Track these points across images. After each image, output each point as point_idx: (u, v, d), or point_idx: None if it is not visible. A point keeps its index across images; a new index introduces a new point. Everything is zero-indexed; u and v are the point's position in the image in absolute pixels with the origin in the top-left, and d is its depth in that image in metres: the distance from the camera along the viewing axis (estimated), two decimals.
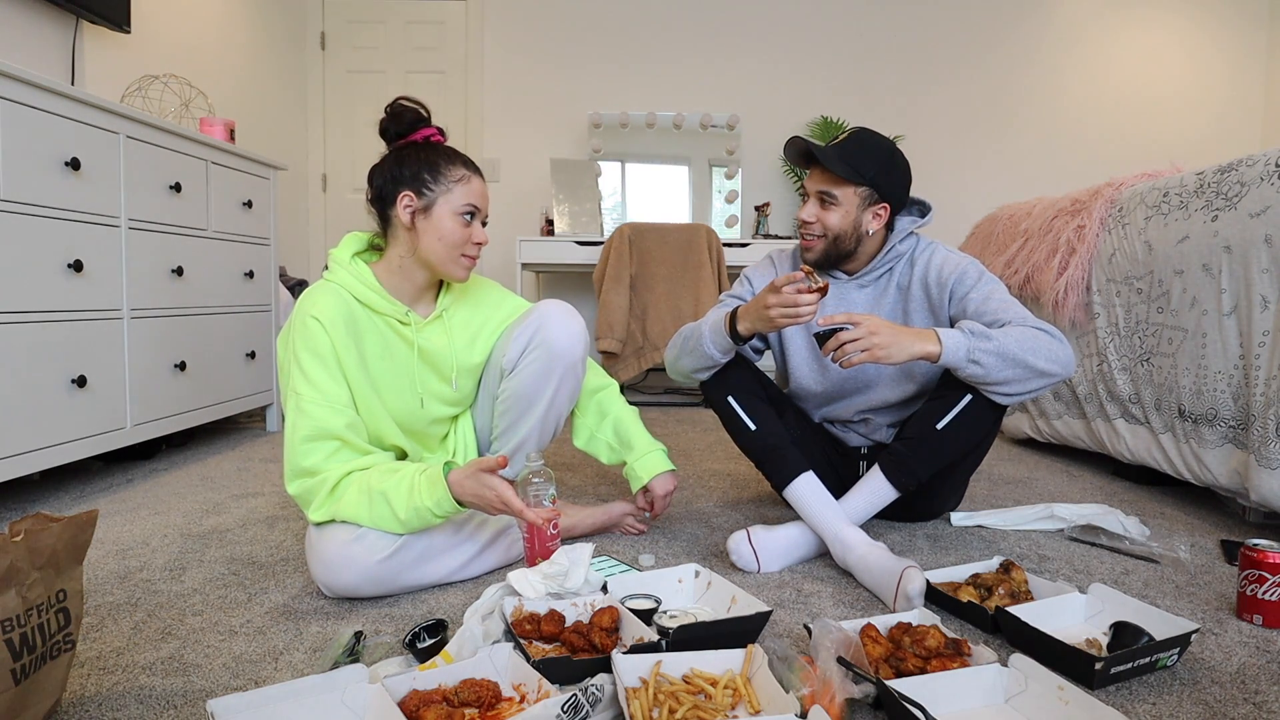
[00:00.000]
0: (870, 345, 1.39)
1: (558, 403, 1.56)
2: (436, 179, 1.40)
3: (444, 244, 1.41)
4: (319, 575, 1.31)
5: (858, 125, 1.61)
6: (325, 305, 1.36)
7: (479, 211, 1.44)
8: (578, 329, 1.55)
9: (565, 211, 4.08)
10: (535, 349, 1.51)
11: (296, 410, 1.32)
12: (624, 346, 3.58)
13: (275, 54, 4.08)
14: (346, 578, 1.29)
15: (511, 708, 0.94)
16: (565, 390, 1.56)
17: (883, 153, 1.59)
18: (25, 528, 0.88)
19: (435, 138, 1.47)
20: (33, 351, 1.83)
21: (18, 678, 0.86)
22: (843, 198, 1.58)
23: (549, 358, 1.51)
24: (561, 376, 1.54)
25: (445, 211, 1.40)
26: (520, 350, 1.52)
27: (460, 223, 1.41)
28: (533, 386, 1.53)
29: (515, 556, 1.50)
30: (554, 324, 1.52)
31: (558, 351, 1.52)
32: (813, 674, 0.95)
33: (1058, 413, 2.46)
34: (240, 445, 2.70)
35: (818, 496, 1.53)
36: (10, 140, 1.75)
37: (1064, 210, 2.42)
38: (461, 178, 1.42)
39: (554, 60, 4.46)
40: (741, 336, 1.55)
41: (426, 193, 1.40)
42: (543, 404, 1.54)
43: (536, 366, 1.52)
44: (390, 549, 1.30)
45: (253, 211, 2.83)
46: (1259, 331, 1.65)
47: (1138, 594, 1.37)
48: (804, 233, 1.64)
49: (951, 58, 4.53)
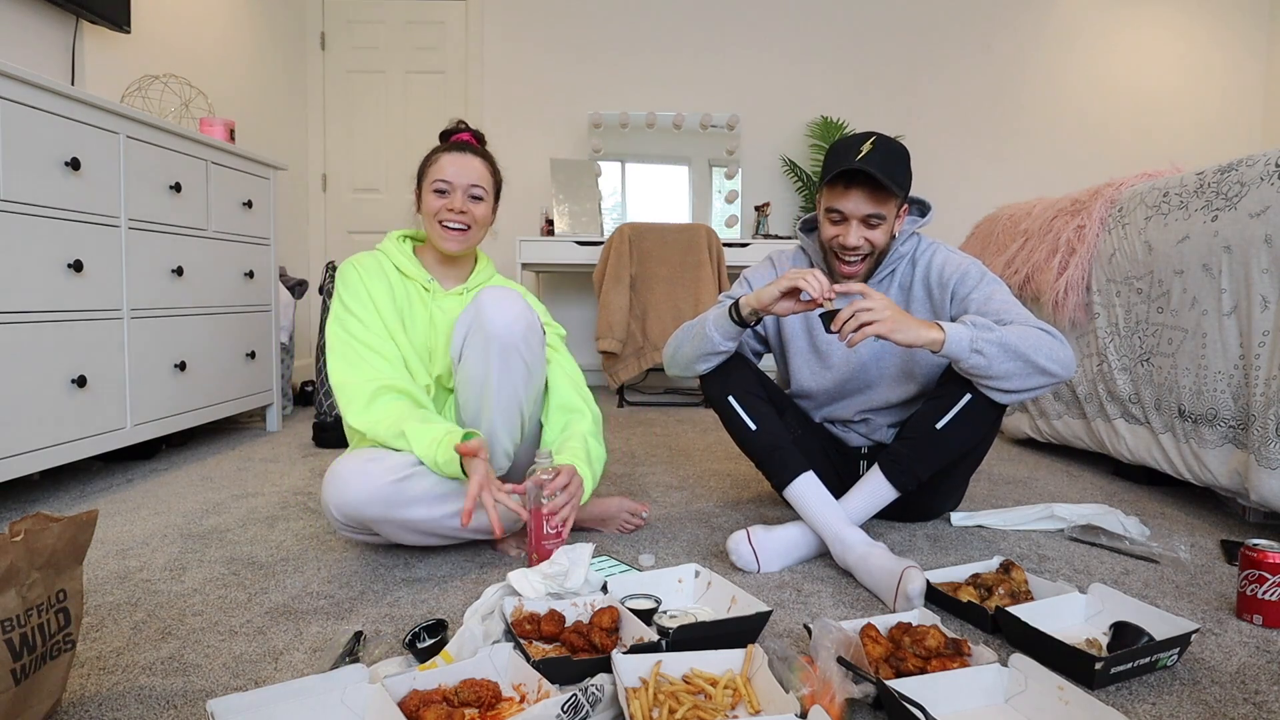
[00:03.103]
0: (881, 318, 1.39)
1: (507, 388, 1.49)
2: (424, 169, 1.64)
3: (426, 219, 1.63)
4: (331, 494, 1.40)
5: (871, 131, 1.57)
6: (364, 260, 1.63)
7: (450, 184, 1.59)
8: (514, 310, 1.48)
9: (565, 211, 4.08)
10: (474, 333, 1.49)
11: (341, 329, 1.55)
12: (624, 346, 3.59)
13: (275, 54, 4.08)
14: (355, 492, 1.38)
15: (511, 708, 0.94)
16: (511, 373, 1.49)
17: (906, 158, 1.57)
18: (25, 528, 0.88)
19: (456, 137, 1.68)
20: (33, 351, 1.83)
21: (18, 678, 0.86)
22: (887, 214, 1.55)
23: (485, 340, 1.47)
24: (502, 358, 1.47)
25: (426, 190, 1.62)
26: (462, 338, 1.51)
27: (433, 197, 1.60)
28: (477, 373, 1.49)
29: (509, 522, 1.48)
30: (488, 307, 1.48)
31: (492, 333, 1.46)
32: (813, 674, 0.95)
33: (1058, 413, 2.46)
34: (240, 445, 2.70)
35: (818, 496, 1.53)
36: (10, 140, 1.75)
37: (1064, 210, 2.42)
38: (433, 161, 1.62)
39: (554, 60, 4.46)
40: (745, 321, 1.55)
41: (420, 183, 1.65)
42: (492, 389, 1.49)
43: (476, 352, 1.48)
44: (403, 473, 1.40)
45: (253, 211, 2.83)
46: (1259, 331, 1.65)
47: (1138, 594, 1.37)
48: (848, 257, 1.59)
49: (952, 57, 4.53)
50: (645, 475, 2.27)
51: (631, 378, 3.62)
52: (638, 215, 4.31)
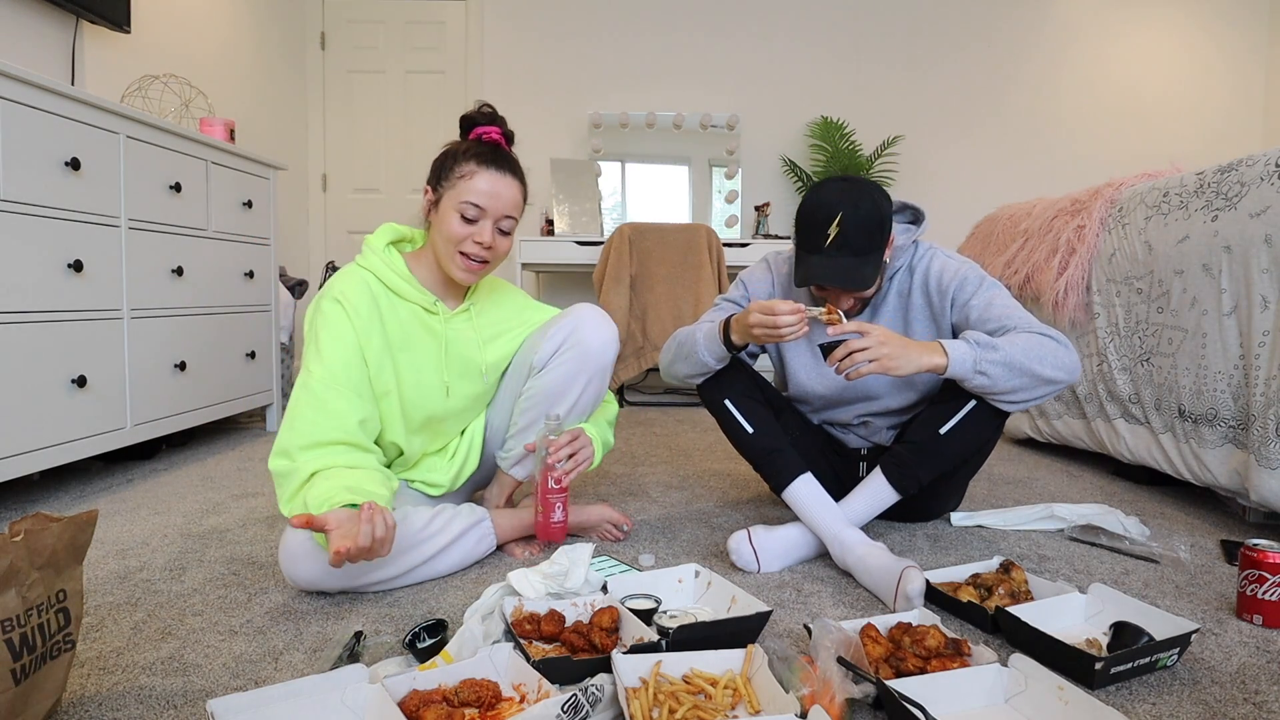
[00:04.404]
0: (879, 355, 1.38)
1: (582, 403, 1.57)
2: (448, 174, 1.42)
3: (442, 239, 1.42)
4: (284, 567, 1.31)
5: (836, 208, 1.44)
6: (350, 289, 1.38)
7: (482, 211, 1.40)
8: (612, 334, 1.57)
9: (565, 211, 4.08)
10: (570, 349, 1.53)
11: (303, 386, 1.33)
12: (624, 346, 3.59)
13: (275, 54, 4.08)
14: (307, 573, 1.29)
15: (511, 708, 0.93)
16: (592, 391, 1.57)
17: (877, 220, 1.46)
18: (25, 528, 0.88)
19: (487, 136, 1.47)
20: (33, 351, 1.83)
21: (18, 678, 0.86)
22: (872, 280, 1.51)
23: (582, 358, 1.53)
24: (590, 377, 1.55)
25: (449, 206, 1.41)
26: (554, 349, 1.54)
27: (457, 219, 1.40)
28: (562, 385, 1.54)
29: (484, 553, 1.49)
30: (590, 326, 1.54)
31: (591, 353, 1.54)
32: (813, 674, 0.95)
33: (1058, 413, 2.46)
34: (240, 445, 2.70)
35: (816, 498, 1.52)
36: (10, 140, 1.75)
37: (1064, 210, 2.42)
38: (466, 174, 1.40)
39: (554, 60, 4.46)
40: (735, 346, 1.56)
41: (439, 187, 1.43)
42: (568, 403, 1.55)
43: (569, 366, 1.53)
44: None
45: (253, 211, 2.83)
46: (1259, 331, 1.65)
47: (1138, 594, 1.37)
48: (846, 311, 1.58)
49: (952, 57, 4.53)
50: (645, 475, 2.27)
51: (631, 378, 3.62)
52: (638, 215, 4.31)
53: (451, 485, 1.61)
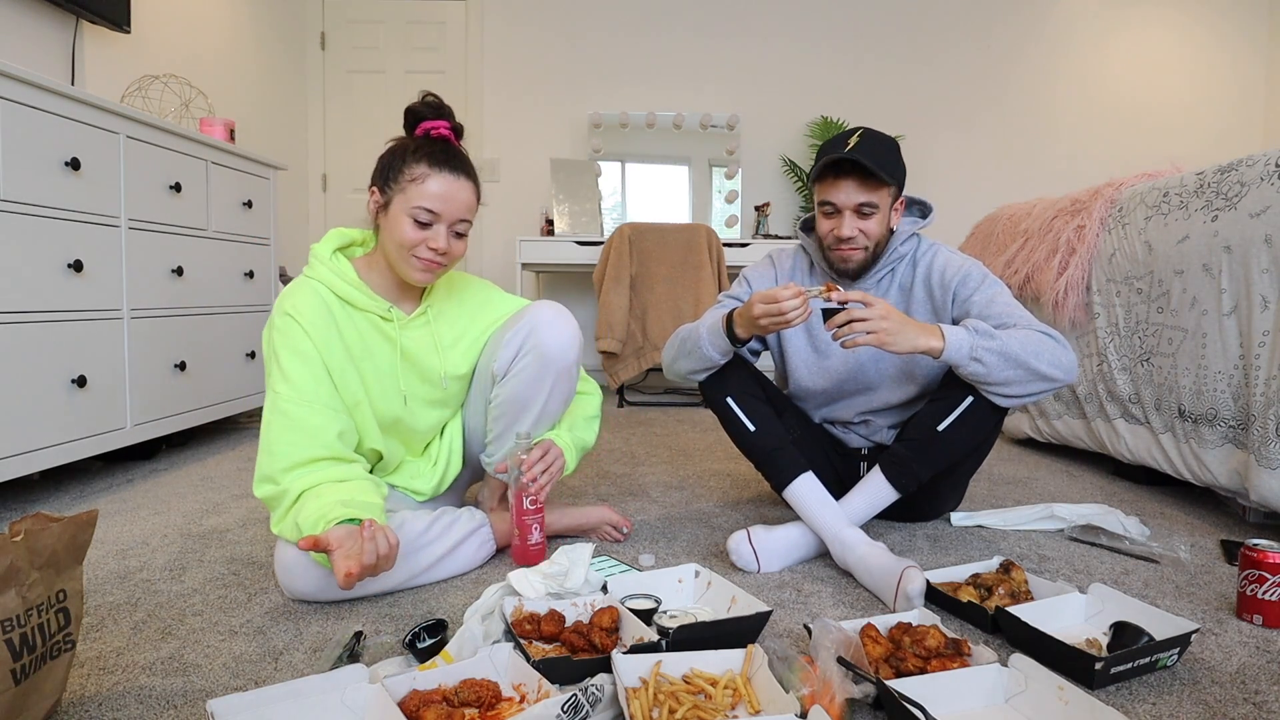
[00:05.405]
0: (877, 329, 1.38)
1: (550, 407, 1.53)
2: (397, 176, 1.34)
3: (394, 244, 1.35)
4: (281, 581, 1.31)
5: (858, 126, 1.59)
6: (303, 302, 1.33)
7: (436, 216, 1.33)
8: (570, 333, 1.49)
9: (565, 211, 4.08)
10: (527, 354, 1.47)
11: (273, 409, 1.30)
12: (624, 346, 3.58)
13: (275, 54, 4.08)
14: (303, 586, 1.29)
15: (511, 708, 0.94)
16: (559, 395, 1.53)
17: (895, 148, 1.57)
18: (25, 528, 0.88)
19: (436, 132, 1.39)
20: (33, 351, 1.82)
21: (18, 678, 0.86)
22: (880, 203, 1.55)
23: (541, 363, 1.47)
24: (554, 381, 1.50)
25: (399, 210, 1.33)
26: (512, 356, 1.48)
27: (409, 224, 1.33)
28: (526, 393, 1.49)
29: (484, 558, 1.49)
30: (546, 329, 1.47)
31: (551, 357, 1.47)
32: (813, 674, 0.95)
33: (1058, 413, 2.46)
34: (240, 445, 2.70)
35: (817, 497, 1.52)
36: (10, 140, 1.75)
37: (1064, 210, 2.42)
38: (417, 177, 1.32)
39: (554, 60, 4.46)
40: (739, 339, 1.55)
41: (387, 189, 1.35)
42: (536, 409, 1.51)
43: (529, 373, 1.48)
44: None
45: (253, 211, 2.83)
46: (1259, 331, 1.65)
47: (1138, 594, 1.37)
48: (845, 248, 1.59)
49: (952, 57, 4.53)
50: (645, 475, 2.27)
51: (631, 378, 3.62)
52: (638, 215, 4.31)
53: (435, 493, 1.59)
